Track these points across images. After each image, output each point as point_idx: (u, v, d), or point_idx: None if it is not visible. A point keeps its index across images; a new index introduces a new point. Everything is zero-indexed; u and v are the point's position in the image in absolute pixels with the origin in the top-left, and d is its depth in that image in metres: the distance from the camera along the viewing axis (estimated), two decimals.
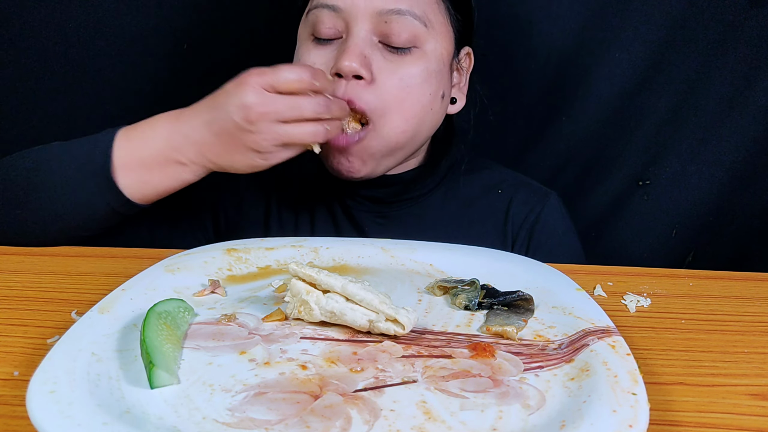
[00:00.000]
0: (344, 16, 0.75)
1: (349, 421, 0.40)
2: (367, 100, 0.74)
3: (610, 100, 1.06)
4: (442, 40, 0.79)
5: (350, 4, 0.74)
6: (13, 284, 0.64)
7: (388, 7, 0.74)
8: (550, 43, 1.05)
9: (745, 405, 0.45)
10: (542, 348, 0.50)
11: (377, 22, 0.74)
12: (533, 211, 0.87)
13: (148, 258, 0.66)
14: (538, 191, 0.91)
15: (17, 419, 0.41)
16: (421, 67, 0.76)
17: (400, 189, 0.86)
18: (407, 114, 0.76)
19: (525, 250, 0.87)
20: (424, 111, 0.78)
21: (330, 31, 0.76)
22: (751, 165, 1.03)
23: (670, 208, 1.07)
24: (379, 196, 0.86)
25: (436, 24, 0.77)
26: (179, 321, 0.51)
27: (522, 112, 1.08)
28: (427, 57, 0.77)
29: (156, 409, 0.40)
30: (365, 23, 0.74)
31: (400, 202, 0.87)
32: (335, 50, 0.76)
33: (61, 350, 0.45)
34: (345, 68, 0.73)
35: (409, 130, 0.78)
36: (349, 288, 0.51)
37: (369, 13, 0.74)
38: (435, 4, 0.78)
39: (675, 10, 1.01)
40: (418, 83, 0.76)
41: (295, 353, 0.48)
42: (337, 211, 0.88)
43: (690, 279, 0.69)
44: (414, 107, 0.77)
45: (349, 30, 0.75)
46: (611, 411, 0.39)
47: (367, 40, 0.75)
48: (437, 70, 0.78)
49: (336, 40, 0.77)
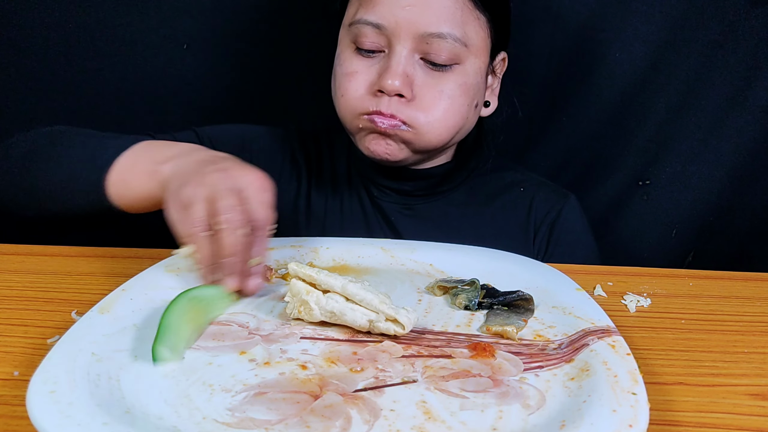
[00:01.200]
0: (387, 34, 0.77)
1: (349, 420, 0.40)
2: (408, 115, 0.77)
3: (610, 100, 1.06)
4: (480, 55, 0.81)
5: (394, 24, 0.76)
6: (13, 284, 0.64)
7: (430, 30, 0.75)
8: (550, 43, 1.05)
9: (745, 405, 0.45)
10: (542, 348, 0.50)
11: (419, 43, 0.76)
12: (554, 209, 0.90)
13: (148, 258, 0.66)
14: (558, 191, 0.94)
15: (17, 419, 0.41)
16: (460, 81, 0.79)
17: (428, 184, 0.89)
18: (447, 124, 0.80)
19: (545, 244, 0.89)
20: (462, 120, 0.81)
21: (372, 45, 0.78)
22: (751, 165, 1.03)
23: (670, 208, 1.07)
24: (408, 189, 0.89)
25: (476, 41, 0.79)
26: (213, 307, 0.54)
27: (522, 112, 1.08)
28: (466, 72, 0.79)
29: (156, 409, 0.40)
30: (407, 43, 0.76)
31: (427, 196, 0.89)
32: (377, 63, 0.78)
33: (61, 350, 0.45)
34: (388, 87, 0.75)
35: (448, 136, 0.81)
36: (349, 288, 0.51)
37: (411, 34, 0.76)
38: (476, 21, 0.79)
39: (675, 10, 1.01)
40: (458, 95, 0.79)
41: (295, 353, 0.48)
42: (365, 201, 0.90)
43: (690, 279, 0.69)
44: (454, 117, 0.80)
45: (392, 47, 0.77)
46: (611, 411, 0.39)
47: (409, 58, 0.77)
48: (474, 83, 0.81)
49: (378, 53, 0.78)
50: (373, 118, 0.77)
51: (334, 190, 0.91)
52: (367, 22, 0.77)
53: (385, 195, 0.89)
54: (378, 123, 0.77)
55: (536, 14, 1.04)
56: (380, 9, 0.76)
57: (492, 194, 0.92)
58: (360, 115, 0.79)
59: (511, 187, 0.92)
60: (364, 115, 0.78)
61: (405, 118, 0.77)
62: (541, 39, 1.05)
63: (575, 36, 1.04)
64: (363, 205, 0.90)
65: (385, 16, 0.76)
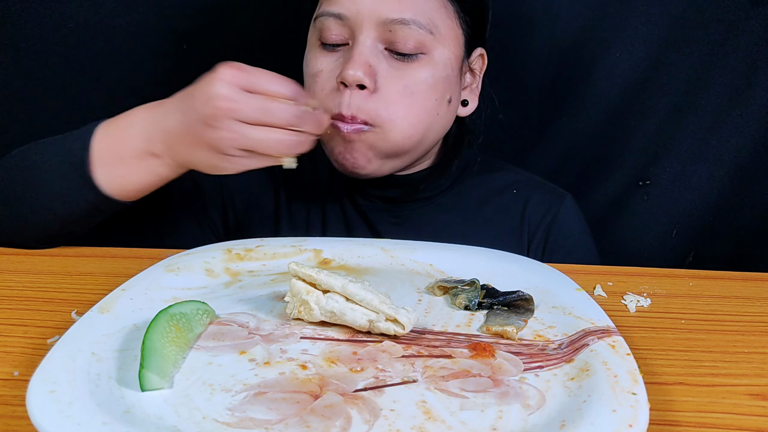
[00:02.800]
0: (350, 24, 0.75)
1: (349, 420, 0.40)
2: (369, 109, 0.74)
3: (611, 99, 1.06)
4: (450, 45, 0.78)
5: (355, 12, 0.74)
6: (13, 284, 0.64)
7: (392, 16, 0.73)
8: (550, 43, 1.05)
9: (745, 405, 0.45)
10: (542, 348, 0.50)
11: (382, 31, 0.74)
12: (550, 212, 0.87)
13: (148, 258, 0.66)
14: (554, 192, 0.91)
15: (17, 419, 0.41)
16: (428, 73, 0.76)
17: (410, 189, 0.86)
18: (412, 120, 0.76)
19: (542, 250, 0.86)
20: (430, 116, 0.78)
21: (336, 38, 0.76)
22: (751, 165, 1.03)
23: (670, 208, 1.07)
24: (392, 196, 0.86)
25: (443, 29, 0.77)
26: (194, 323, 0.51)
27: (523, 112, 1.08)
28: (434, 63, 0.76)
29: (156, 409, 0.40)
30: (370, 32, 0.74)
31: (413, 202, 0.87)
32: (341, 57, 0.76)
33: (61, 350, 0.45)
34: (349, 77, 0.73)
35: (416, 135, 0.77)
36: (349, 288, 0.51)
37: (374, 22, 0.74)
38: (443, 9, 0.77)
39: (675, 10, 1.01)
40: (423, 89, 0.76)
41: (295, 353, 0.48)
42: (349, 211, 0.88)
43: (690, 279, 0.69)
44: (419, 113, 0.77)
45: (355, 38, 0.75)
46: (611, 411, 0.39)
47: (372, 48, 0.74)
48: (444, 75, 0.78)
49: (343, 46, 0.77)
50: (336, 124, 0.74)
51: (315, 200, 0.89)
52: (330, 13, 0.75)
53: (370, 203, 0.86)
54: (341, 128, 0.74)
55: (536, 14, 1.04)
56: (342, 0, 0.75)
57: (483, 198, 0.88)
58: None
59: (503, 189, 0.89)
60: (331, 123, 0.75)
61: (366, 116, 0.74)
62: (541, 39, 1.05)
63: (575, 36, 1.04)
64: (347, 215, 0.88)
65: (346, 6, 0.74)
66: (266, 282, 0.62)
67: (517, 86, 1.07)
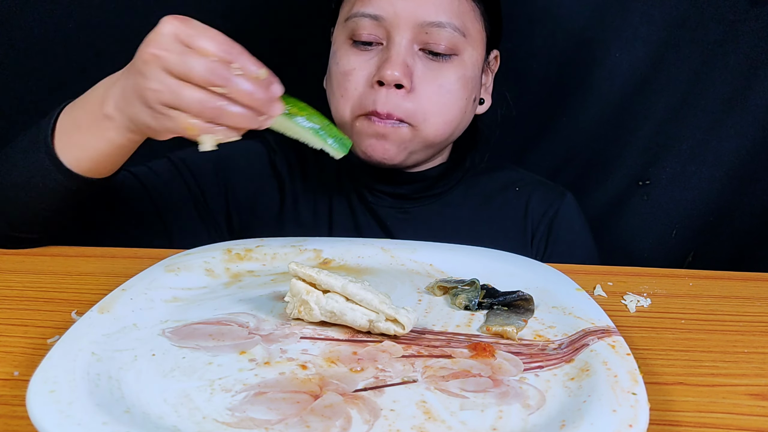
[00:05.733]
0: (386, 25, 0.76)
1: (349, 420, 0.40)
2: (406, 109, 0.76)
3: (610, 100, 1.06)
4: (477, 47, 0.81)
5: (393, 14, 0.76)
6: (13, 284, 0.64)
7: (429, 19, 0.76)
8: (550, 44, 1.05)
9: (745, 405, 0.45)
10: (542, 348, 0.50)
11: (418, 32, 0.76)
12: (552, 207, 0.90)
13: (148, 258, 0.66)
14: (554, 189, 0.93)
15: (17, 419, 0.41)
16: (459, 74, 0.79)
17: (423, 186, 0.88)
18: (446, 118, 0.79)
19: (544, 244, 0.88)
20: (461, 114, 0.81)
21: (370, 37, 0.78)
22: (751, 165, 1.03)
23: (670, 208, 1.07)
24: (404, 192, 0.87)
25: (473, 32, 0.80)
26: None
27: (522, 112, 1.08)
28: (464, 64, 0.79)
29: (156, 408, 0.40)
30: (407, 33, 0.76)
31: (422, 198, 0.88)
32: (375, 56, 0.78)
33: (61, 350, 0.45)
34: (388, 77, 0.75)
35: (447, 131, 0.81)
36: (349, 288, 0.51)
37: (411, 24, 0.76)
38: (472, 12, 0.80)
39: (675, 10, 1.01)
40: (456, 89, 0.79)
41: (295, 353, 0.48)
42: (356, 207, 0.88)
43: (690, 279, 0.69)
44: (452, 111, 0.79)
45: (391, 38, 0.76)
46: (611, 411, 0.39)
47: (408, 48, 0.76)
48: (473, 75, 0.81)
49: (376, 46, 0.78)
50: (371, 119, 0.76)
51: (322, 197, 0.89)
52: (365, 14, 0.77)
53: (379, 200, 0.87)
54: (376, 124, 0.77)
55: (536, 14, 1.04)
56: (378, 1, 0.76)
57: (488, 195, 0.91)
58: (358, 116, 0.78)
59: (506, 187, 0.92)
60: (361, 116, 0.78)
61: (402, 114, 0.76)
62: (541, 39, 1.05)
63: (575, 36, 1.04)
64: (354, 211, 0.88)
65: (383, 7, 0.76)
66: (266, 282, 0.62)
67: (517, 86, 1.07)
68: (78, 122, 0.66)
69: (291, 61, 1.05)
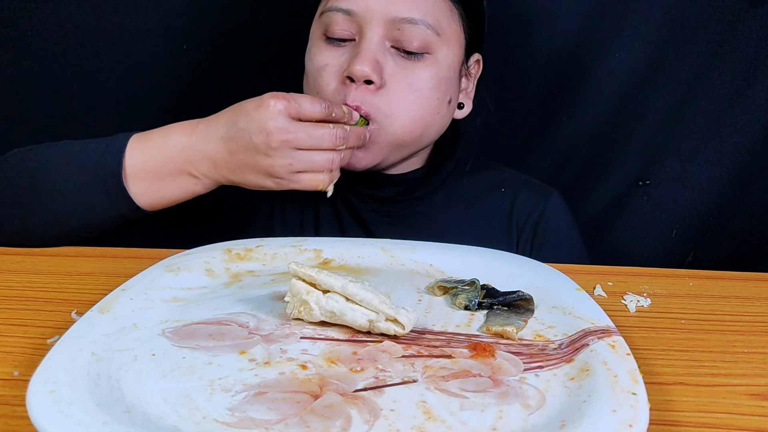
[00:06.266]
0: (358, 20, 0.76)
1: (349, 420, 0.40)
2: (373, 103, 0.75)
3: (610, 100, 1.06)
4: (453, 48, 0.80)
5: (365, 9, 0.75)
6: (13, 284, 0.64)
7: (401, 15, 0.75)
8: (550, 43, 1.05)
9: (745, 405, 0.45)
10: (542, 348, 0.50)
11: (390, 28, 0.75)
12: (537, 208, 0.89)
13: (148, 258, 0.66)
14: (540, 189, 0.92)
15: (17, 419, 0.41)
16: (432, 73, 0.78)
17: (405, 189, 0.87)
18: (414, 116, 0.78)
19: (530, 245, 0.88)
20: (431, 115, 0.80)
21: (343, 33, 0.77)
22: (751, 165, 1.03)
23: (670, 208, 1.07)
24: (386, 195, 0.87)
25: (448, 32, 0.79)
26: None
27: (522, 112, 1.08)
28: (438, 63, 0.78)
29: (156, 409, 0.40)
30: (379, 28, 0.75)
31: (406, 201, 0.88)
32: (347, 52, 0.77)
33: (61, 350, 0.45)
34: (357, 72, 0.74)
35: (416, 130, 0.79)
36: (349, 288, 0.51)
37: (383, 20, 0.75)
38: (448, 12, 0.79)
39: (675, 10, 1.01)
40: (427, 88, 0.78)
41: (295, 353, 0.48)
42: (342, 211, 0.88)
43: (690, 279, 0.69)
44: (421, 111, 0.78)
45: (363, 34, 0.76)
46: (611, 411, 0.39)
47: (380, 45, 0.76)
48: (447, 76, 0.80)
49: (349, 42, 0.77)
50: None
51: (308, 203, 0.90)
52: (338, 8, 0.76)
53: (364, 204, 0.87)
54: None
55: (536, 14, 1.04)
56: None
57: (472, 196, 0.90)
58: None
59: (492, 187, 0.91)
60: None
61: (369, 109, 0.75)
62: (540, 39, 1.05)
63: (574, 36, 1.04)
64: (340, 215, 0.88)
65: (356, 2, 0.75)
66: (266, 282, 0.62)
67: (516, 86, 1.07)
68: (157, 173, 0.72)
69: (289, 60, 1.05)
